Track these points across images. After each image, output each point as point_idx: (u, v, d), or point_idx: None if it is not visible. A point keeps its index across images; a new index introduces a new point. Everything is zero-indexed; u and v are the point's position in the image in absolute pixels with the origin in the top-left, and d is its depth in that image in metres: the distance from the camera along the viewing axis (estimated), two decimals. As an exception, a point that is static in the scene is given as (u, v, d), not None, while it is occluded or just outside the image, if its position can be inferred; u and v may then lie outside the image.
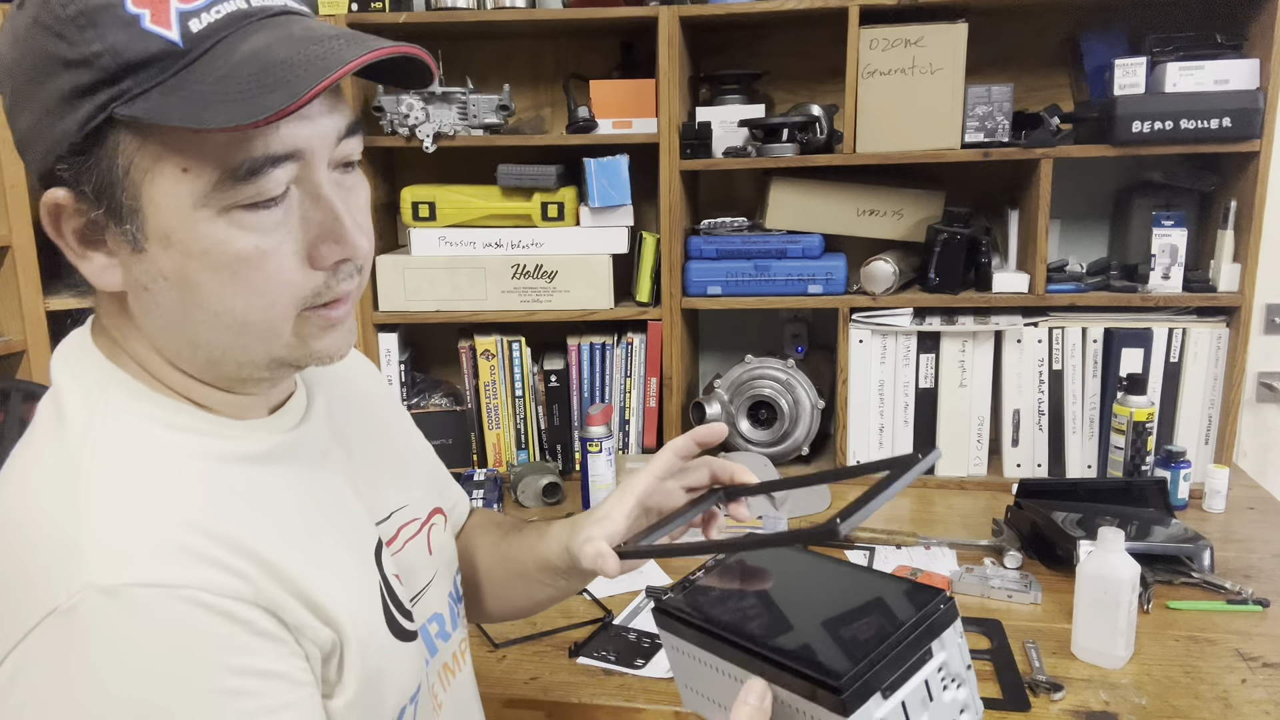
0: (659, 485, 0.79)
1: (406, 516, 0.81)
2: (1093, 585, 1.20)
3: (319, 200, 0.60)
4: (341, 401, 0.78)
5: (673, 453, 0.80)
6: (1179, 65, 1.62)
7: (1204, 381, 1.75)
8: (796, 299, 1.81)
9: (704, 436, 0.80)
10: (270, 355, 0.63)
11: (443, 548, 0.86)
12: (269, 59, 0.54)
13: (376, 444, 0.81)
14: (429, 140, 1.76)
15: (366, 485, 0.76)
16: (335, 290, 0.62)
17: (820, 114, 1.80)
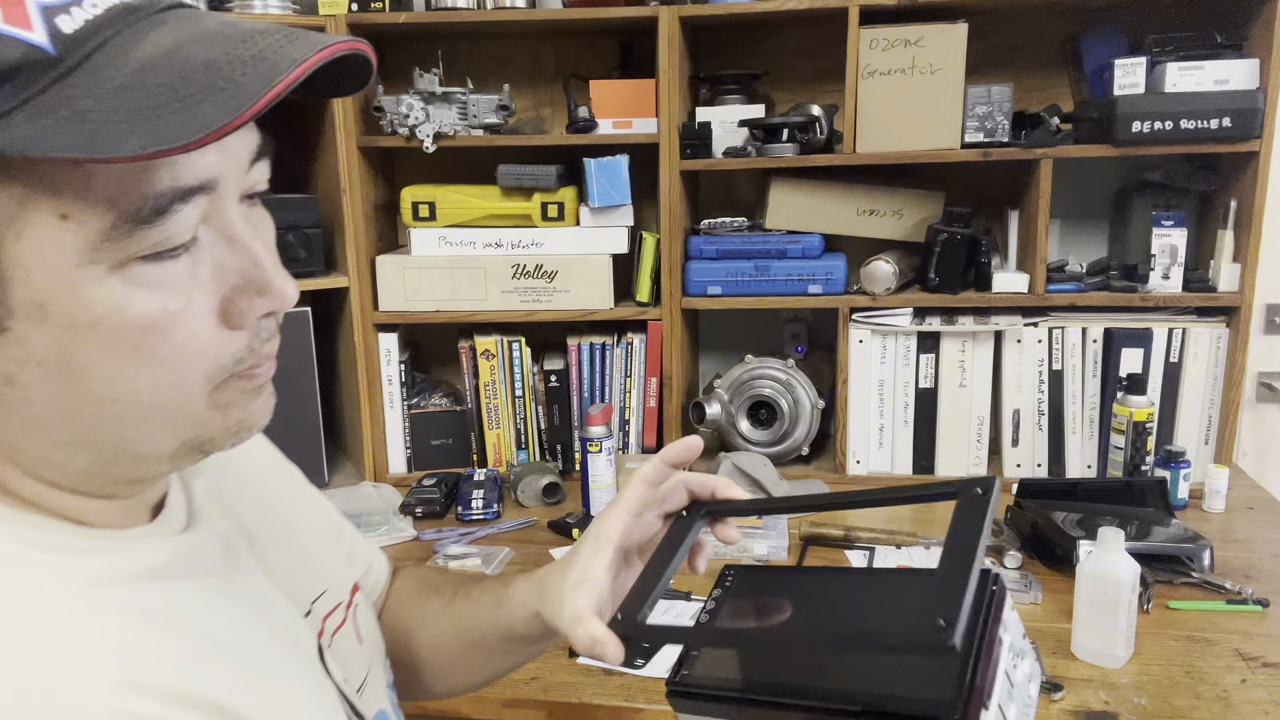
0: (635, 523, 0.68)
1: (329, 604, 0.67)
2: (1092, 585, 1.20)
3: (234, 243, 0.49)
4: (224, 478, 0.64)
5: (645, 483, 0.68)
6: (1179, 65, 1.62)
7: (1204, 381, 1.75)
8: (796, 299, 1.81)
9: (676, 455, 0.69)
10: (180, 440, 0.50)
11: (371, 632, 0.73)
12: (186, 62, 0.43)
13: (276, 520, 0.68)
14: (429, 140, 1.76)
15: (285, 576, 0.63)
16: (259, 354, 0.52)
17: (820, 114, 1.80)
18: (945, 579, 0.51)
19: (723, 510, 0.68)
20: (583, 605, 0.63)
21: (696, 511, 0.68)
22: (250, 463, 0.70)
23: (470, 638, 0.76)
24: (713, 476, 0.69)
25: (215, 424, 0.51)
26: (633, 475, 0.69)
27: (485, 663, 0.78)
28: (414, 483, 1.82)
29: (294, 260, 1.74)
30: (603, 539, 0.66)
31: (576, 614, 0.63)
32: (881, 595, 0.59)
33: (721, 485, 0.68)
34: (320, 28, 1.72)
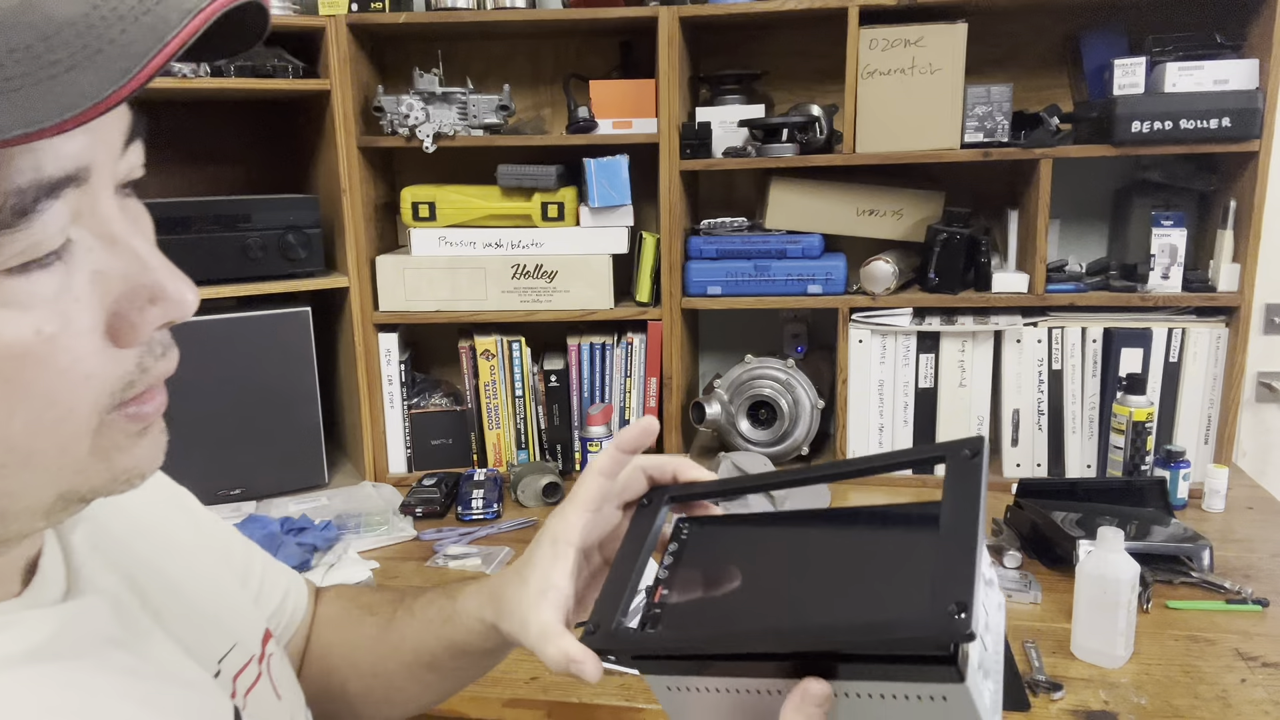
0: (594, 519, 0.61)
1: (239, 660, 0.58)
2: (1092, 585, 1.20)
3: (114, 243, 0.40)
4: (105, 525, 0.55)
5: (600, 475, 0.61)
6: (1178, 65, 1.62)
7: (1203, 381, 1.75)
8: (796, 299, 1.81)
9: (631, 441, 0.61)
10: (58, 492, 0.42)
11: (288, 684, 0.64)
12: (45, 19, 0.34)
13: (170, 569, 0.58)
14: (429, 140, 1.77)
15: (186, 635, 0.54)
16: (152, 374, 0.43)
17: (820, 114, 1.80)
18: (946, 553, 0.46)
19: (687, 494, 0.62)
20: (550, 619, 0.57)
21: (659, 498, 0.62)
22: (133, 501, 0.57)
23: (419, 659, 0.69)
24: (673, 457, 0.63)
25: (99, 473, 0.43)
26: (587, 468, 0.62)
27: (437, 682, 0.72)
28: (414, 483, 1.82)
29: (294, 260, 1.75)
30: (561, 542, 0.59)
31: (544, 630, 0.56)
32: (868, 558, 0.54)
33: (683, 466, 0.62)
34: (320, 29, 1.72)
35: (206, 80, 1.67)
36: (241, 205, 1.71)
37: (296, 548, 1.51)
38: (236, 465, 1.77)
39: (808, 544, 0.57)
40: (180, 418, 1.70)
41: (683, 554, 0.59)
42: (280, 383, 1.78)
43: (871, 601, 0.50)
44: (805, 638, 0.48)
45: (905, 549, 0.52)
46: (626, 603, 0.56)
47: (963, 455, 0.51)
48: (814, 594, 0.52)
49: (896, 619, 0.46)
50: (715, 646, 0.51)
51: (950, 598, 0.44)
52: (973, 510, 0.48)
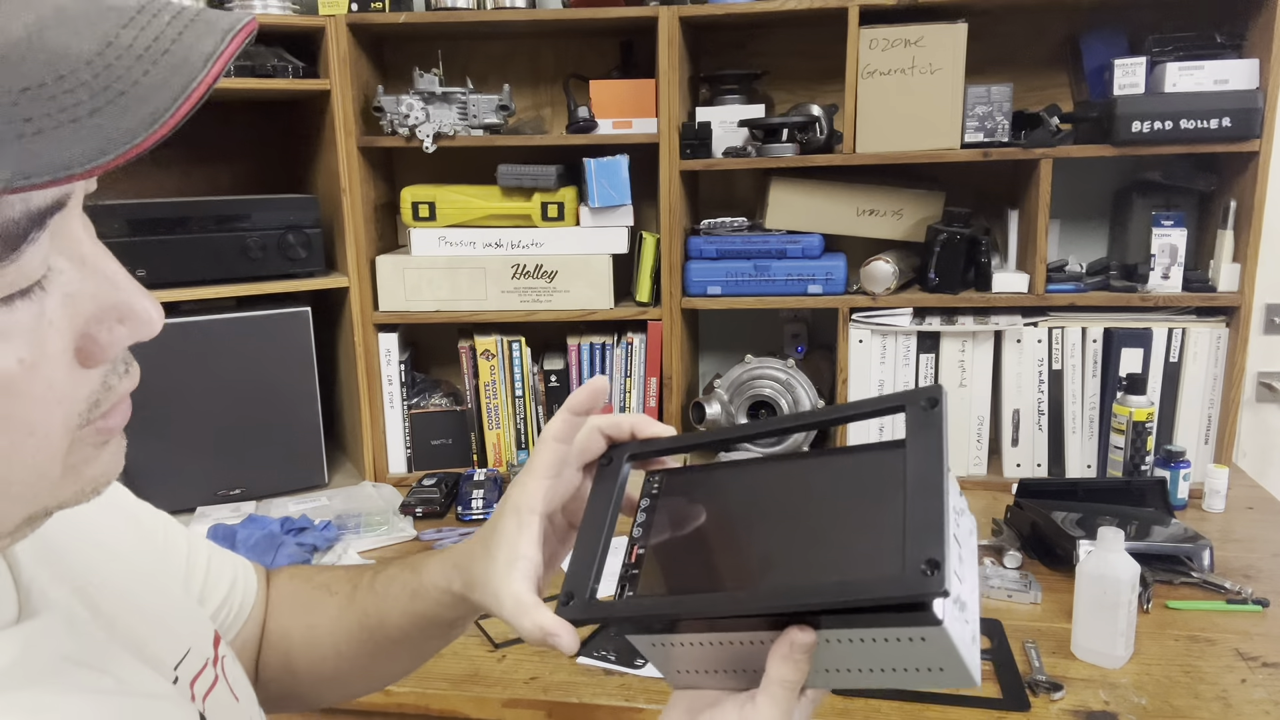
0: (555, 485, 0.61)
1: (195, 665, 0.57)
2: (1092, 585, 1.20)
3: (84, 264, 0.39)
4: (48, 534, 0.52)
5: (555, 441, 0.61)
6: (1178, 65, 1.62)
7: (1204, 381, 1.75)
8: (796, 299, 1.81)
9: (582, 402, 0.61)
10: (28, 513, 0.41)
11: (244, 683, 0.63)
12: (60, 58, 0.33)
13: (116, 574, 0.57)
14: (429, 140, 1.76)
15: (141, 644, 0.53)
16: (118, 390, 0.42)
17: (820, 114, 1.80)
18: (915, 507, 0.47)
19: (647, 451, 0.61)
20: (522, 591, 0.57)
21: (620, 456, 0.61)
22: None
23: (386, 634, 0.69)
24: (629, 415, 0.62)
25: (66, 488, 0.42)
26: (541, 435, 0.62)
27: (404, 656, 0.72)
28: (414, 483, 1.82)
29: (294, 260, 1.75)
30: (524, 510, 0.59)
31: (518, 603, 0.56)
32: (840, 507, 0.53)
33: (640, 423, 0.61)
34: (320, 28, 1.72)
35: (206, 80, 1.66)
36: (241, 205, 1.71)
37: (296, 548, 1.51)
38: (236, 465, 1.76)
39: (780, 493, 0.56)
40: (180, 418, 1.70)
41: (655, 511, 0.59)
42: (280, 383, 1.78)
43: (846, 555, 0.50)
44: (780, 602, 0.49)
45: (876, 496, 0.51)
46: (599, 568, 0.56)
47: (921, 405, 0.51)
48: (789, 547, 0.52)
49: (871, 578, 0.46)
50: (690, 612, 0.51)
51: (922, 554, 0.45)
52: (936, 462, 0.48)
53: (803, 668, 0.49)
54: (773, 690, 0.49)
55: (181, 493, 1.72)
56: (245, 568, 0.76)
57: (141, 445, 1.93)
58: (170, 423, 1.69)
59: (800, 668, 0.49)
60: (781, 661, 0.48)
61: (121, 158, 0.33)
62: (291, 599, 0.76)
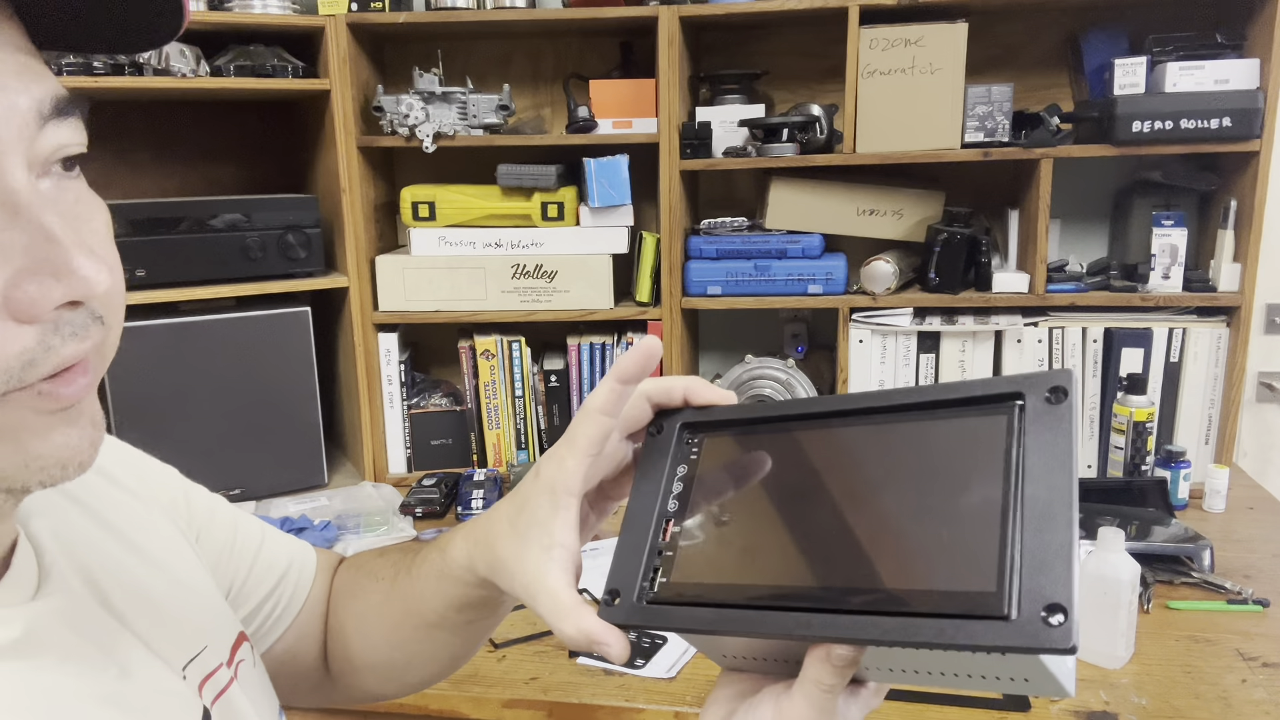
0: (594, 463, 0.53)
1: (207, 665, 0.56)
2: (1093, 585, 1.20)
3: (16, 214, 0.38)
4: (67, 521, 0.54)
5: (601, 414, 0.53)
6: (1179, 65, 1.62)
7: (1204, 381, 1.74)
8: (796, 299, 1.81)
9: (631, 368, 0.52)
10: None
11: (261, 688, 0.61)
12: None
13: (136, 570, 0.56)
14: (429, 140, 1.76)
15: (157, 639, 0.53)
16: (60, 353, 0.39)
17: (820, 114, 1.80)
18: (1033, 527, 0.39)
19: (704, 421, 0.52)
20: (560, 587, 0.50)
21: (672, 426, 0.52)
22: (98, 489, 0.58)
23: (426, 619, 0.65)
24: (681, 378, 0.53)
25: (7, 457, 0.40)
26: (583, 407, 0.53)
27: (453, 641, 0.67)
28: (414, 483, 1.82)
29: (294, 260, 1.75)
30: (560, 490, 0.52)
31: (558, 601, 0.50)
32: (919, 489, 0.44)
33: (695, 387, 0.53)
34: (320, 28, 1.72)
35: (206, 80, 1.67)
36: (241, 205, 1.71)
37: (296, 548, 1.51)
38: (236, 465, 1.76)
39: (844, 463, 0.47)
40: (180, 417, 1.70)
41: (693, 479, 0.51)
42: (280, 383, 1.78)
43: (924, 557, 0.41)
44: (856, 634, 0.41)
45: (970, 479, 0.42)
46: (649, 564, 0.49)
47: (1044, 397, 0.42)
48: (854, 537, 0.44)
49: (964, 607, 0.38)
50: (748, 629, 0.45)
51: (1043, 595, 0.37)
52: (1065, 476, 0.40)
53: (844, 674, 0.44)
54: (808, 690, 0.45)
55: (181, 493, 1.72)
56: (305, 555, 0.73)
57: (141, 445, 1.92)
58: (170, 422, 1.69)
59: (841, 673, 0.44)
60: (819, 664, 0.44)
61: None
62: (348, 588, 0.73)
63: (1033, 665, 0.40)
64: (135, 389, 1.66)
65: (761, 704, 0.48)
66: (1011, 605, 0.37)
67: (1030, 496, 0.40)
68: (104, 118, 1.86)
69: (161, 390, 1.68)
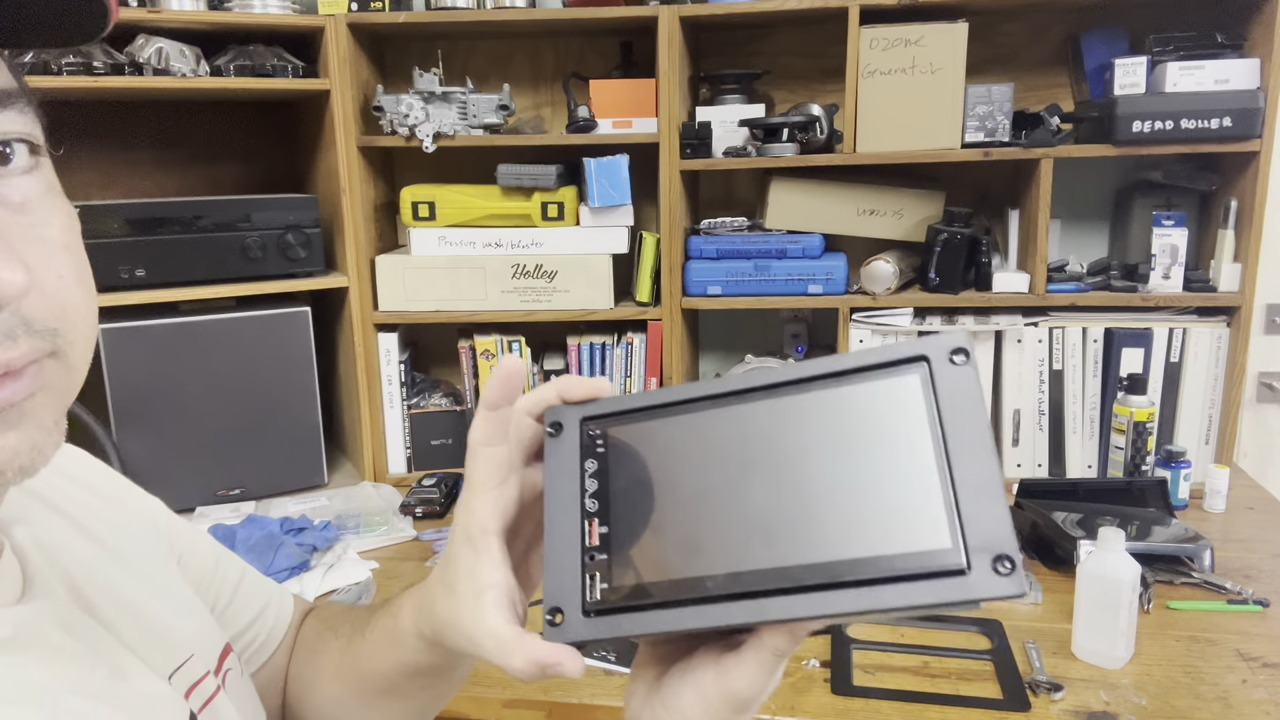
0: (501, 494, 0.52)
1: (194, 673, 0.55)
2: (1093, 585, 1.19)
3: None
4: (50, 526, 0.54)
5: (482, 445, 0.52)
6: (1179, 65, 1.62)
7: (1204, 381, 1.74)
8: (796, 299, 1.81)
9: (496, 395, 0.52)
10: None
11: (248, 700, 0.61)
12: None
13: (119, 578, 0.56)
14: (429, 140, 1.76)
15: (142, 645, 0.53)
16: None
17: (820, 114, 1.80)
18: (963, 479, 0.40)
19: (607, 413, 0.50)
20: (498, 625, 0.49)
21: (571, 423, 0.50)
22: (80, 499, 0.58)
23: (376, 685, 0.63)
24: (552, 383, 0.52)
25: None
26: (469, 445, 0.53)
27: (402, 707, 0.64)
28: (414, 483, 1.82)
29: (294, 260, 1.75)
30: (475, 534, 0.51)
31: (498, 640, 0.48)
32: (840, 456, 0.44)
33: (567, 385, 0.52)
34: (320, 28, 1.72)
35: (206, 80, 1.67)
36: (241, 205, 1.71)
37: (296, 548, 1.51)
38: (236, 465, 1.76)
39: (765, 436, 0.46)
40: (180, 417, 1.69)
41: (609, 473, 0.49)
42: (280, 383, 1.78)
43: (877, 530, 0.42)
44: (824, 609, 0.41)
45: (892, 440, 0.43)
46: (584, 572, 0.47)
47: (948, 360, 0.44)
48: (795, 516, 0.44)
49: (922, 571, 0.39)
50: (705, 623, 0.44)
51: (990, 546, 0.38)
52: (981, 427, 0.41)
53: (801, 640, 0.45)
54: (763, 656, 0.45)
55: (181, 493, 1.72)
56: (283, 599, 0.72)
57: (141, 445, 1.92)
58: (170, 422, 1.69)
59: (799, 641, 0.45)
60: (782, 636, 0.44)
61: None
62: (310, 640, 0.72)
63: (967, 606, 0.41)
64: (135, 389, 1.66)
65: (701, 668, 0.47)
66: (967, 558, 0.39)
67: (955, 449, 0.41)
68: (104, 118, 1.86)
69: (161, 390, 1.68)
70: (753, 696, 0.46)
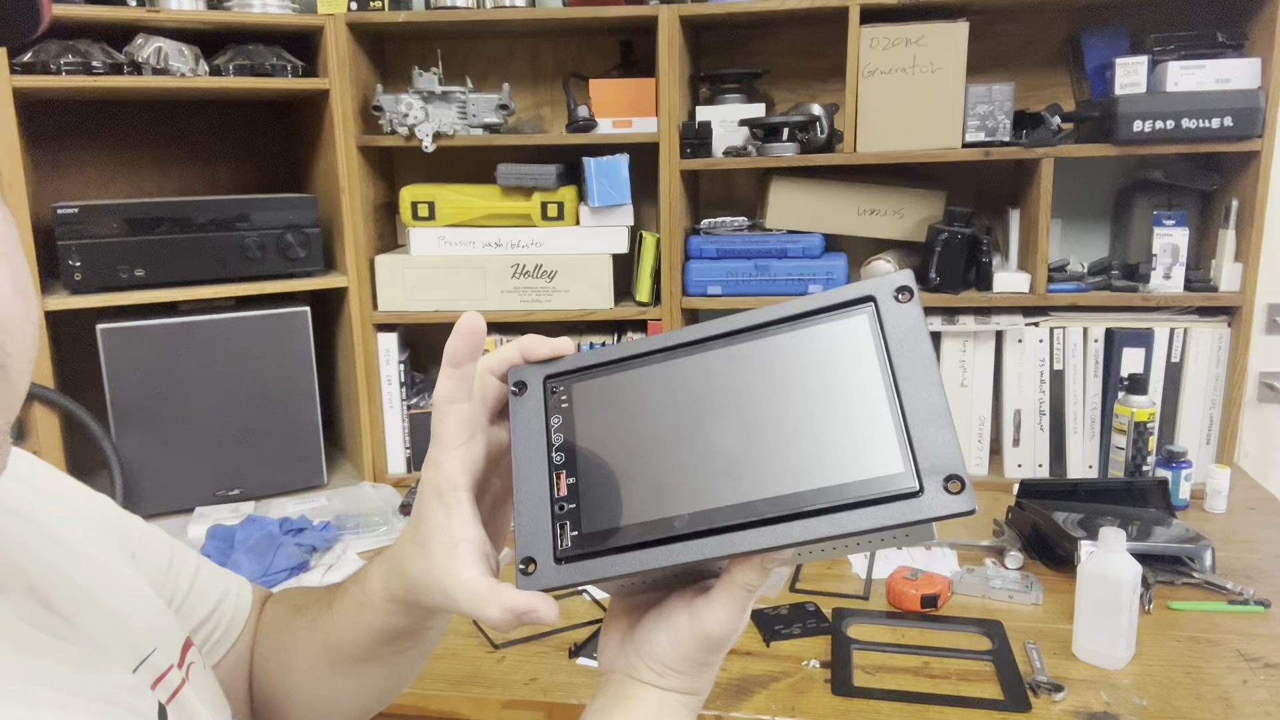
0: (469, 451, 0.53)
1: (159, 665, 0.55)
2: (1094, 586, 1.19)
3: None
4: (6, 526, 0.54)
5: (448, 402, 0.53)
6: (1180, 64, 1.61)
7: (1205, 381, 1.74)
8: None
9: (458, 351, 0.53)
10: None
11: (213, 693, 0.60)
12: None
13: (78, 576, 0.55)
14: (428, 140, 1.76)
15: (106, 640, 0.52)
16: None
17: (821, 113, 1.80)
18: (913, 406, 0.42)
19: (569, 370, 0.52)
20: (472, 578, 0.50)
21: (534, 380, 0.53)
22: (32, 501, 0.57)
23: (349, 654, 0.64)
24: (514, 343, 0.55)
25: None
26: (434, 402, 0.54)
27: (379, 675, 0.66)
28: (413, 483, 1.82)
29: (293, 260, 1.74)
30: (445, 489, 0.52)
31: (473, 592, 0.50)
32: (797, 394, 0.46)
33: (530, 345, 0.54)
34: (319, 28, 1.72)
35: (206, 80, 1.66)
36: (241, 205, 1.71)
37: (295, 548, 1.51)
38: (235, 465, 1.76)
39: (722, 381, 0.48)
40: (179, 418, 1.69)
41: (573, 427, 0.51)
42: (279, 383, 1.78)
43: (826, 455, 0.43)
44: (785, 538, 0.43)
45: (846, 379, 0.45)
46: (555, 521, 0.49)
47: (894, 297, 0.46)
48: (755, 454, 0.45)
49: (880, 495, 0.41)
50: (670, 561, 0.45)
51: (940, 468, 0.41)
52: (928, 358, 0.44)
53: (770, 573, 0.46)
54: (734, 593, 0.46)
55: (180, 493, 1.72)
56: (241, 587, 0.73)
57: (141, 445, 1.92)
58: (169, 422, 1.69)
59: (768, 574, 0.46)
60: (750, 569, 0.46)
61: None
62: (273, 623, 0.72)
63: (923, 532, 0.44)
64: (135, 389, 1.66)
65: (674, 612, 0.49)
66: (920, 481, 0.41)
67: (904, 381, 0.44)
68: (104, 118, 1.86)
69: (161, 390, 1.68)
70: (724, 635, 0.48)
